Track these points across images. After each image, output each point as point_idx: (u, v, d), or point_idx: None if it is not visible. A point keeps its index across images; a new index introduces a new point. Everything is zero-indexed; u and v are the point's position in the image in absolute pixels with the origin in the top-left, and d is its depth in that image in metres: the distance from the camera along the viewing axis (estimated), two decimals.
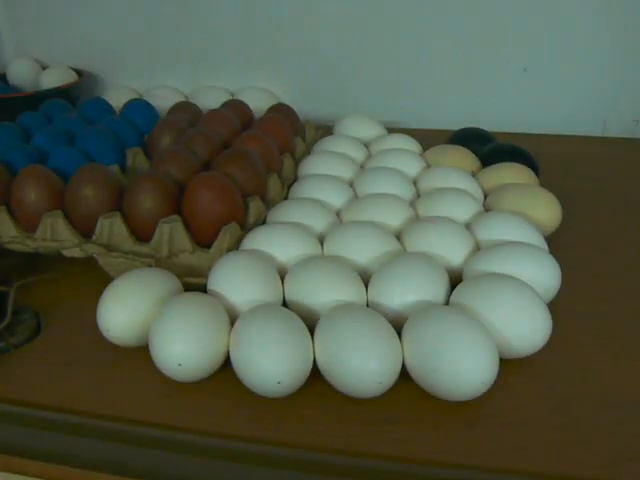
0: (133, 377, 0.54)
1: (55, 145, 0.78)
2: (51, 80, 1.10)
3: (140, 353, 0.55)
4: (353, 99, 1.09)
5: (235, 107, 0.87)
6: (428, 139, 0.88)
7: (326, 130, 0.94)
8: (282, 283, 0.58)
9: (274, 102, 1.01)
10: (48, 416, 0.51)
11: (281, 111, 0.85)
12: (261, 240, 0.62)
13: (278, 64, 1.10)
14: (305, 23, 1.06)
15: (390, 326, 0.51)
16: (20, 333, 0.58)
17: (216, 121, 0.80)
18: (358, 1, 1.03)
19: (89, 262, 0.66)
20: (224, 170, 0.67)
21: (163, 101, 0.99)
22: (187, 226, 0.63)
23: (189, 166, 0.70)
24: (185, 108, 0.89)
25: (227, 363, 0.52)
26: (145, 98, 1.08)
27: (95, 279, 0.64)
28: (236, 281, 0.56)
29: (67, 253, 0.66)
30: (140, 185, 0.64)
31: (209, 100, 1.01)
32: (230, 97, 1.08)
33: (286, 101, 1.03)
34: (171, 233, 0.62)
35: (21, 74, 1.14)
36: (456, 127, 0.91)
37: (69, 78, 1.10)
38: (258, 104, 0.96)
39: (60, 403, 0.52)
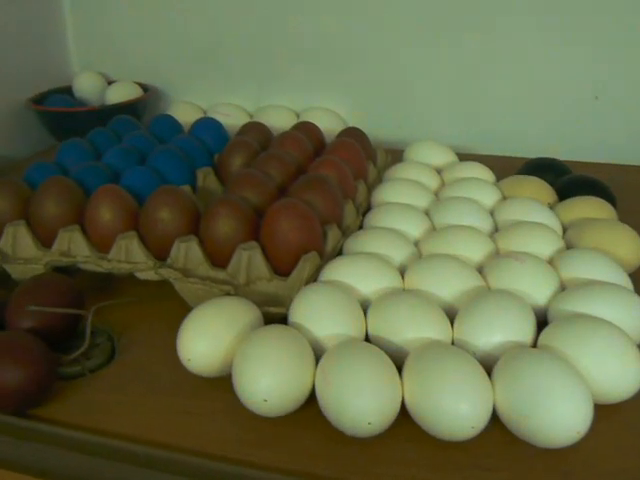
0: (213, 409, 0.53)
1: (126, 163, 0.77)
2: (117, 95, 1.09)
3: (220, 383, 0.54)
4: (419, 122, 1.07)
5: (306, 129, 0.85)
6: (498, 167, 0.86)
7: (394, 154, 0.92)
8: (364, 317, 0.57)
9: (339, 123, 1.00)
10: (122, 446, 0.49)
11: (353, 135, 0.84)
12: (342, 271, 0.61)
13: (343, 85, 1.09)
14: (372, 45, 1.05)
15: (481, 367, 0.49)
16: (95, 357, 0.58)
17: (289, 143, 0.79)
18: (426, 24, 1.02)
19: (161, 285, 0.65)
20: (301, 196, 0.66)
21: (228, 119, 0.98)
22: (264, 253, 0.61)
23: (265, 190, 0.68)
24: (255, 128, 0.87)
25: (310, 397, 0.51)
26: (209, 115, 1.07)
27: (168, 303, 0.64)
28: (320, 314, 0.55)
29: (141, 276, 0.65)
30: (217, 210, 0.63)
31: (274, 119, 1.00)
32: (295, 117, 1.07)
33: (350, 122, 1.02)
34: (249, 260, 0.61)
35: (87, 88, 1.14)
36: (525, 154, 0.91)
37: (134, 93, 1.10)
38: (324, 125, 0.94)
39: (135, 433, 0.51)
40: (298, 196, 0.66)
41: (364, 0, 1.02)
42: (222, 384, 0.53)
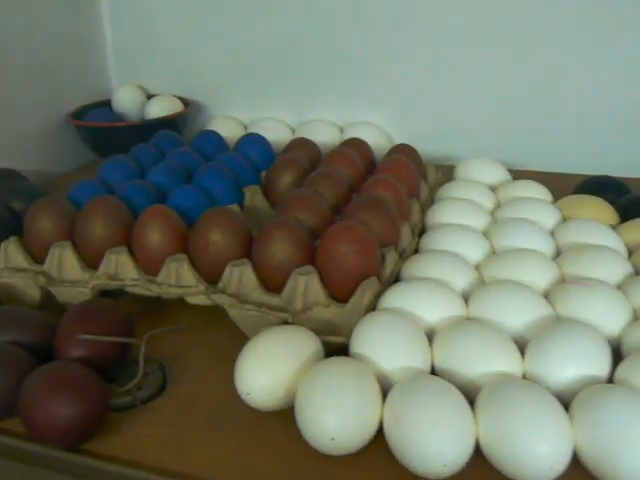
0: (273, 446, 0.50)
1: (172, 182, 0.75)
2: (157, 109, 1.08)
3: (281, 417, 0.51)
4: (464, 137, 1.04)
5: (356, 146, 0.82)
6: (551, 184, 0.83)
7: (443, 171, 0.89)
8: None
9: (384, 138, 0.98)
10: None
11: (404, 152, 0.81)
12: (403, 298, 0.58)
13: (387, 99, 1.06)
14: (418, 58, 1.02)
15: (559, 404, 0.46)
16: (147, 387, 0.55)
17: (340, 161, 0.76)
18: (473, 37, 0.99)
19: (210, 310, 0.63)
20: (358, 217, 0.63)
21: (270, 133, 0.95)
22: (321, 278, 0.59)
23: (319, 212, 0.66)
24: (303, 145, 0.85)
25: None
26: (250, 130, 1.04)
27: (219, 329, 0.62)
28: (384, 345, 0.52)
29: (192, 300, 0.62)
30: (272, 233, 0.60)
31: (317, 134, 0.97)
32: (339, 132, 1.04)
33: (394, 137, 0.99)
34: (306, 285, 0.58)
35: (126, 102, 1.12)
36: (576, 170, 0.90)
37: (175, 107, 1.08)
38: (369, 141, 0.91)
39: (190, 470, 0.48)
40: (354, 217, 0.63)
41: (412, 14, 1.00)
42: (283, 418, 0.51)
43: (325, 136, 0.97)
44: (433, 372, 0.53)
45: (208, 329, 0.62)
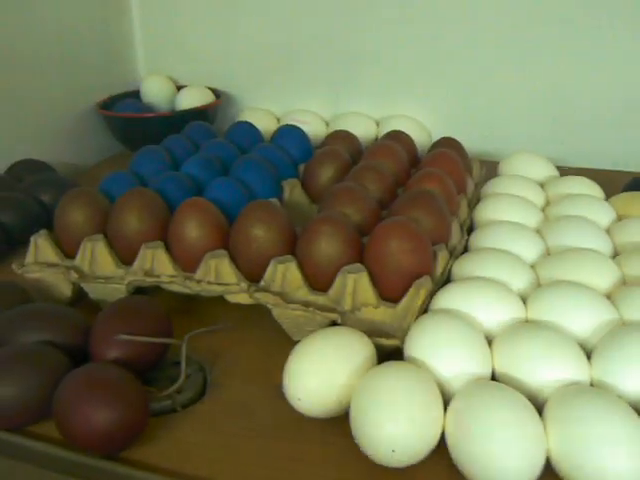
0: (325, 455, 0.47)
1: (208, 174, 0.71)
2: (188, 100, 1.04)
3: (333, 425, 0.48)
4: (506, 131, 1.00)
5: (399, 139, 0.79)
6: (600, 182, 0.79)
7: (487, 166, 0.86)
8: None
9: (422, 132, 0.95)
10: None
11: (449, 145, 0.77)
12: (458, 299, 0.55)
13: (424, 91, 1.02)
14: (456, 48, 0.99)
15: (636, 415, 0.43)
16: (187, 391, 0.52)
17: (384, 154, 0.73)
18: (517, 27, 0.95)
19: (251, 308, 0.59)
20: (407, 213, 0.60)
21: (304, 126, 0.91)
22: (370, 277, 0.55)
23: (366, 207, 0.63)
24: (343, 137, 0.82)
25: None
26: (284, 122, 1.01)
27: (260, 328, 0.59)
28: (443, 349, 0.49)
29: (232, 299, 0.59)
30: (319, 228, 0.57)
31: (352, 127, 0.93)
32: (375, 125, 1.01)
33: (432, 131, 0.95)
34: (355, 284, 0.54)
35: (155, 92, 1.09)
36: (624, 167, 0.88)
37: (206, 98, 1.05)
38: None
39: None
40: (403, 213, 0.60)
41: (449, 6, 0.96)
42: (336, 426, 0.47)
43: (361, 129, 0.94)
44: (493, 378, 0.49)
45: (247, 328, 0.59)
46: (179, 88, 1.11)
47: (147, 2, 1.12)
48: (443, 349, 0.49)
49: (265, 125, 0.95)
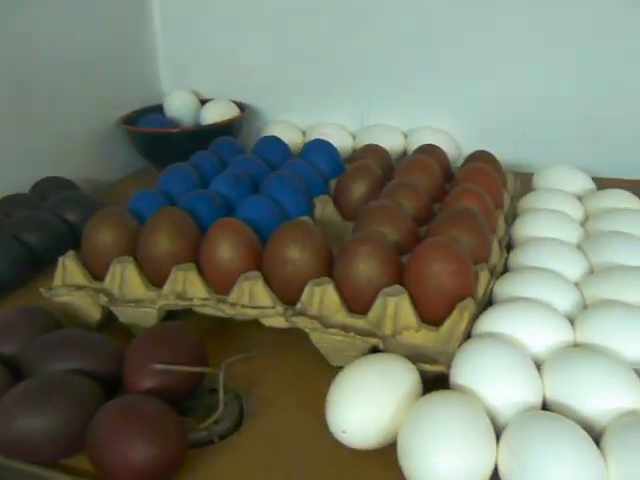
0: None
1: (238, 192, 0.70)
2: (212, 114, 1.02)
3: (380, 458, 0.46)
4: (537, 142, 0.97)
5: (432, 153, 0.77)
6: (637, 193, 0.77)
7: (520, 179, 0.84)
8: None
9: (451, 145, 0.93)
10: None
11: (484, 159, 0.75)
12: (503, 322, 0.53)
13: (454, 103, 1.00)
14: (485, 58, 0.97)
15: None
16: (224, 421, 0.50)
17: (418, 170, 0.71)
18: (544, 42, 0.93)
19: (285, 332, 0.57)
20: (447, 233, 0.57)
21: (330, 140, 0.89)
22: (410, 298, 0.53)
23: (404, 226, 0.61)
24: (374, 152, 0.79)
25: None
26: (310, 135, 0.99)
27: (295, 352, 0.57)
28: (492, 377, 0.47)
29: (267, 322, 0.57)
30: (357, 249, 0.55)
31: (380, 140, 0.91)
32: (403, 138, 0.99)
33: (461, 143, 0.94)
34: (396, 307, 0.52)
35: (178, 106, 1.07)
36: None
37: (231, 112, 1.02)
38: None
39: None
40: (443, 232, 0.58)
41: (477, 16, 0.94)
42: (383, 459, 0.45)
43: (389, 142, 0.92)
44: (543, 406, 0.47)
45: (283, 352, 0.58)
46: (202, 101, 1.08)
47: (170, 15, 1.10)
48: (492, 376, 0.47)
49: (291, 139, 0.93)
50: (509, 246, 0.67)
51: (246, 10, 1.07)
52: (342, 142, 0.98)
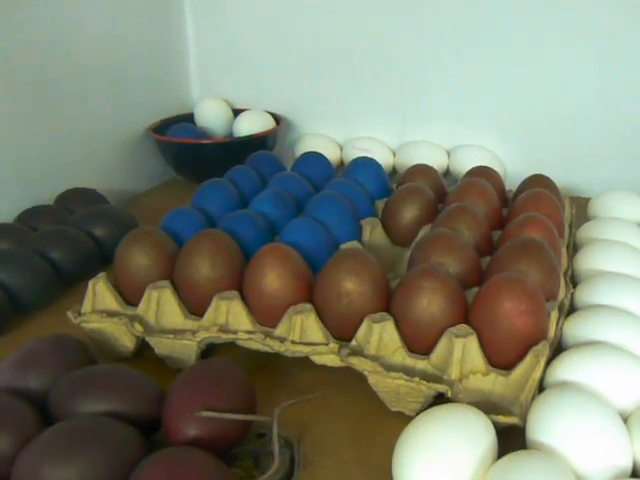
0: None
1: (280, 212, 0.65)
2: (246, 125, 0.97)
3: None
4: (582, 164, 0.92)
5: (487, 175, 0.71)
6: None
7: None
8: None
9: (497, 165, 0.88)
10: None
11: (542, 184, 0.69)
12: (582, 369, 0.47)
13: (497, 119, 0.94)
14: (531, 75, 0.92)
15: None
16: (275, 472, 0.44)
17: (475, 194, 0.66)
18: (590, 58, 0.89)
19: (335, 370, 0.53)
20: (514, 266, 0.53)
21: (367, 155, 0.84)
22: (478, 339, 0.48)
23: (465, 256, 0.56)
24: (423, 172, 0.74)
25: None
26: (346, 149, 0.94)
27: (348, 394, 0.53)
28: (578, 435, 0.42)
29: (319, 360, 0.52)
30: (420, 284, 0.50)
31: (421, 157, 0.87)
32: (446, 155, 0.93)
33: (506, 163, 0.91)
34: (464, 349, 0.47)
35: (209, 116, 1.03)
36: None
37: (266, 123, 0.97)
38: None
39: None
40: (509, 266, 0.53)
41: (521, 31, 0.90)
42: None
43: (432, 160, 0.86)
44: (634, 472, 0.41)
45: (335, 394, 0.53)
46: (234, 111, 1.03)
47: (202, 21, 1.06)
48: (579, 435, 0.42)
49: (328, 153, 0.88)
50: (572, 279, 0.62)
51: (281, 20, 1.03)
52: (381, 157, 0.92)
